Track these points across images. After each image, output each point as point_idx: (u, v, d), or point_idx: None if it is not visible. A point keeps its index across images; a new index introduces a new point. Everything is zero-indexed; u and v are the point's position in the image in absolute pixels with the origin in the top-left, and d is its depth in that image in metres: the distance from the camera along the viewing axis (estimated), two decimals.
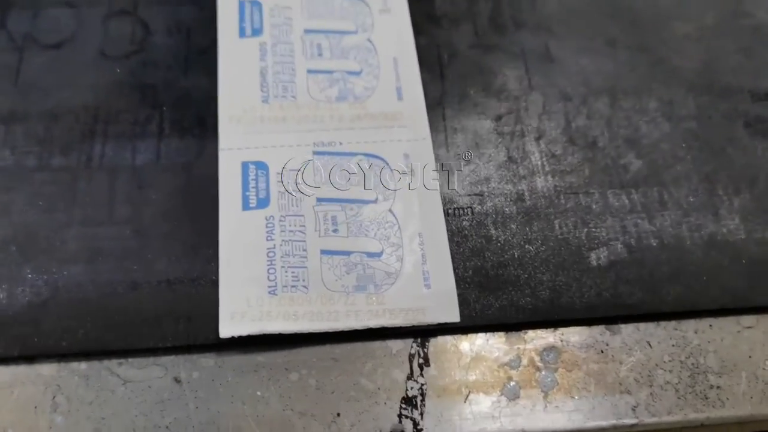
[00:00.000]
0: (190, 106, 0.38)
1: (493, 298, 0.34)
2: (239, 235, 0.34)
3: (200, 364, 0.32)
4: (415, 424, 0.32)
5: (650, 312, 0.35)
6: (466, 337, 0.34)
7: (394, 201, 0.36)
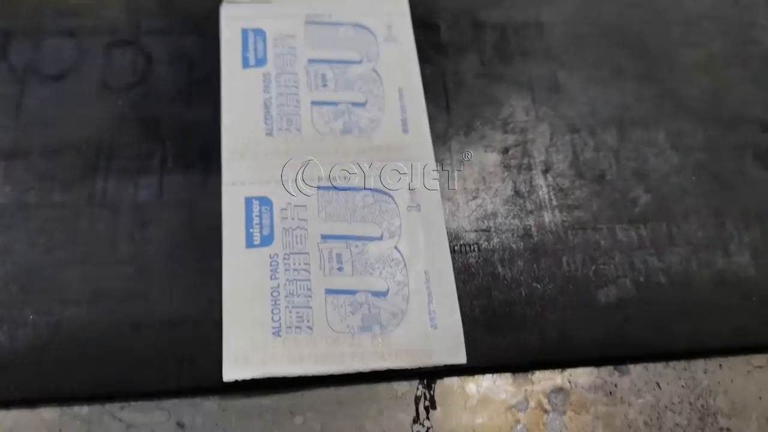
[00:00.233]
0: (193, 139, 0.37)
1: (500, 338, 0.34)
2: (243, 274, 0.34)
3: (204, 408, 0.32)
4: None
5: (659, 352, 0.34)
6: (473, 379, 0.33)
7: (400, 238, 0.35)
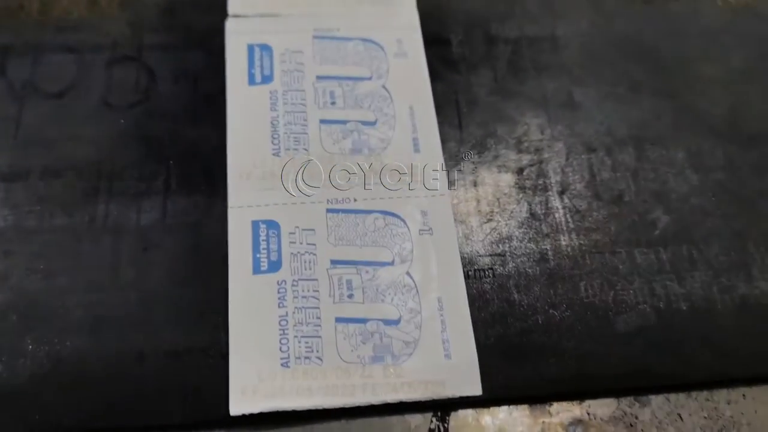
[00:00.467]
0: (197, 159, 0.36)
1: (516, 368, 0.32)
2: (250, 301, 0.33)
3: None
4: None
5: (681, 382, 0.33)
6: (489, 411, 0.32)
7: (412, 263, 0.34)
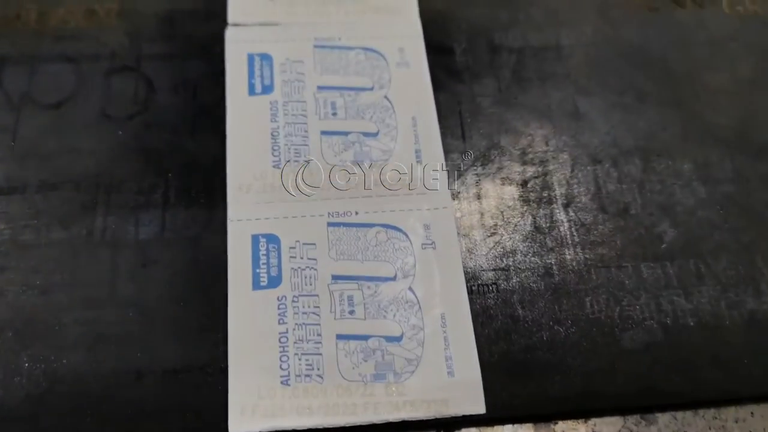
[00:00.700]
0: (197, 171, 0.36)
1: (520, 386, 0.32)
2: (249, 318, 0.32)
3: None
4: None
5: (688, 400, 0.32)
6: (492, 429, 0.32)
7: (414, 278, 0.34)
